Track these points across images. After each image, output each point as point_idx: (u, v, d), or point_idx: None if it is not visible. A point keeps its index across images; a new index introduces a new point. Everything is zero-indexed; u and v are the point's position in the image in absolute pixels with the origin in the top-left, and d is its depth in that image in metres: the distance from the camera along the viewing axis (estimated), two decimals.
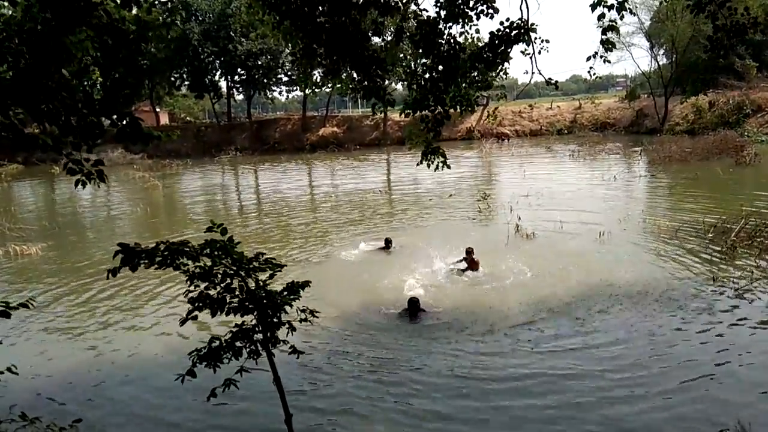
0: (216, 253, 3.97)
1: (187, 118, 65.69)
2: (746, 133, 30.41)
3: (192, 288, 4.09)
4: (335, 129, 51.23)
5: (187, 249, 3.95)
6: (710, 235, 12.76)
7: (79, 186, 3.70)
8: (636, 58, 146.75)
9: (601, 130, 45.40)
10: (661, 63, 45.59)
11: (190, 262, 4.00)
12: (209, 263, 4.03)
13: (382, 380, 7.27)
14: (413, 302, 9.18)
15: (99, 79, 3.65)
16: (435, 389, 6.94)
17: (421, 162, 7.22)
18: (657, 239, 13.04)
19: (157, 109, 56.74)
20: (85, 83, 3.67)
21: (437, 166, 7.18)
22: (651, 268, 11.11)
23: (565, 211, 15.83)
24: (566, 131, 46.80)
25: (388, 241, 13.27)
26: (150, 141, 3.82)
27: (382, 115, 41.83)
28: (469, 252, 11.43)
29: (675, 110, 39.78)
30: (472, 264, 11.30)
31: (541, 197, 18.31)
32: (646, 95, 46.89)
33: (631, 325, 8.54)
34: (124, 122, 3.69)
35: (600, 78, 7.41)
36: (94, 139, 3.59)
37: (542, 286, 10.31)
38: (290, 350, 4.37)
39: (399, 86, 42.86)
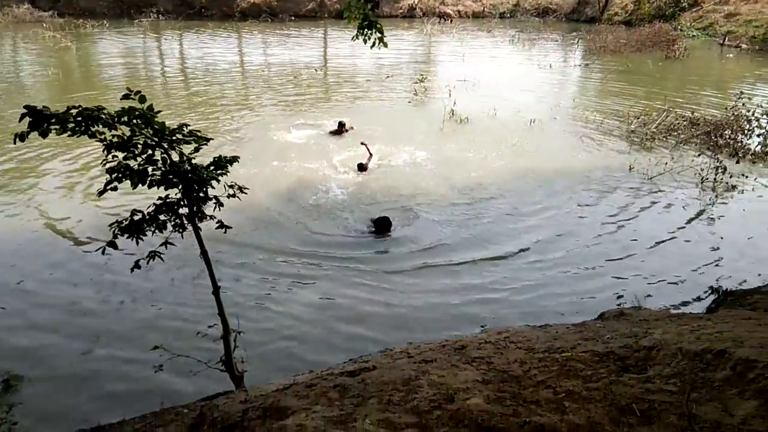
0: (134, 121, 3.72)
1: None
2: (679, 27, 30.79)
3: (110, 158, 3.86)
4: None
5: (103, 116, 3.67)
6: (633, 126, 13.31)
7: None
8: None
9: (542, 16, 44.62)
10: None
11: (106, 131, 3.73)
12: (128, 133, 3.79)
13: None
14: (384, 221, 8.20)
15: None
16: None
17: (357, 37, 6.71)
18: (584, 128, 13.48)
19: None
20: None
21: (374, 43, 6.74)
22: (575, 156, 11.68)
23: (499, 98, 15.87)
24: (509, 15, 45.66)
25: (341, 125, 12.61)
26: None
27: None
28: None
29: None
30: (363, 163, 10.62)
31: (477, 82, 18.15)
32: None
33: (558, 206, 9.23)
34: None
35: None
36: None
37: (472, 171, 10.60)
38: (218, 225, 4.31)
39: None
